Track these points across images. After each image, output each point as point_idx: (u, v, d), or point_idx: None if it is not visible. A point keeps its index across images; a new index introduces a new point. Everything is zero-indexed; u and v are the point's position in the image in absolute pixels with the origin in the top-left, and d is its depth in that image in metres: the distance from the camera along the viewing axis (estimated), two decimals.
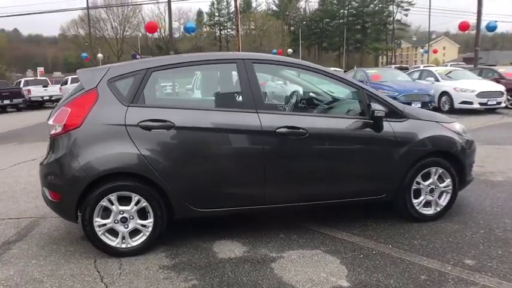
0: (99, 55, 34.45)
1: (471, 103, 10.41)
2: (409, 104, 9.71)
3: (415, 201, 3.33)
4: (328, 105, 3.48)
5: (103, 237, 2.79)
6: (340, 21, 72.28)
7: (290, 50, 43.79)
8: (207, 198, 2.92)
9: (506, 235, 3.10)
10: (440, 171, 3.33)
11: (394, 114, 3.22)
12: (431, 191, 3.36)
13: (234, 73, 2.99)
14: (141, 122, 2.74)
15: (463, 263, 2.68)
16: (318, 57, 70.58)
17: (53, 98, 19.11)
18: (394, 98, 9.57)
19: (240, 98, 2.97)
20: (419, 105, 9.70)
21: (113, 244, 2.81)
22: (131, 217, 2.81)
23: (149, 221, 2.84)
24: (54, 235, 3.23)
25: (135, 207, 2.80)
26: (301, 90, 3.99)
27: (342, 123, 3.06)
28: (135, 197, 2.78)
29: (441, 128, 3.36)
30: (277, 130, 2.89)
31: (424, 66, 17.93)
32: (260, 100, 2.96)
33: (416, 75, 12.53)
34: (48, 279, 2.57)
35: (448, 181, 3.38)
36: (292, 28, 74.31)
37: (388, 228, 3.28)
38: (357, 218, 3.45)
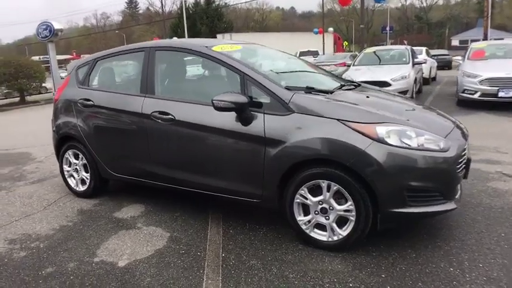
0: (330, 29, 35.84)
1: None
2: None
3: (299, 218, 2.66)
4: None
5: (68, 180, 3.96)
6: None
7: None
8: (117, 165, 3.52)
9: None
10: (335, 187, 2.47)
11: (276, 106, 2.64)
12: (324, 211, 2.57)
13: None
14: (79, 99, 3.64)
15: None
16: None
17: None
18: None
19: (143, 83, 3.27)
20: None
21: (72, 185, 3.94)
22: (80, 169, 3.83)
23: (88, 174, 3.77)
24: None
25: (81, 162, 3.79)
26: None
27: (208, 112, 2.81)
28: (80, 155, 3.77)
29: (340, 129, 2.43)
30: (152, 114, 3.09)
31: None
32: (152, 85, 3.19)
33: None
34: (22, 199, 3.99)
35: (349, 204, 2.47)
36: None
37: (275, 239, 2.81)
38: (272, 221, 3.08)
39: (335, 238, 2.58)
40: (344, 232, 2.54)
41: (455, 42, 46.69)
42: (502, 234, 2.75)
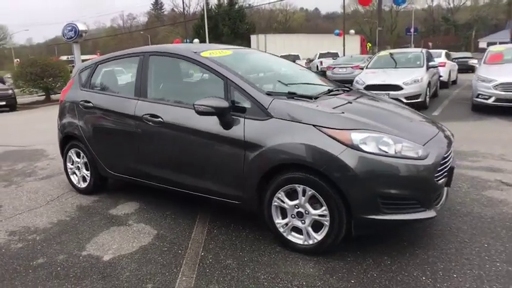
0: (351, 31, 35.56)
1: None
2: None
3: (277, 221, 2.72)
4: None
5: (71, 177, 4.17)
6: None
7: None
8: (114, 164, 3.68)
9: None
10: (310, 192, 2.52)
11: (256, 111, 2.71)
12: (300, 215, 2.62)
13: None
14: (80, 101, 3.83)
15: None
16: None
17: None
18: None
19: (137, 87, 3.42)
20: None
21: (75, 182, 4.14)
22: (81, 167, 4.02)
23: (89, 172, 3.95)
24: None
25: (82, 161, 3.98)
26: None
27: (194, 115, 2.88)
28: (82, 154, 3.96)
29: (316, 135, 2.47)
30: (143, 116, 3.22)
31: None
32: (145, 89, 3.33)
33: None
34: (28, 194, 4.22)
35: (323, 209, 2.51)
36: None
37: (255, 240, 2.88)
38: (256, 223, 3.14)
39: (310, 242, 2.62)
40: (319, 236, 2.58)
41: (482, 44, 44.68)
42: (485, 245, 2.71)
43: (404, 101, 8.19)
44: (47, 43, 70.32)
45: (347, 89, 3.53)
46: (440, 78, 11.04)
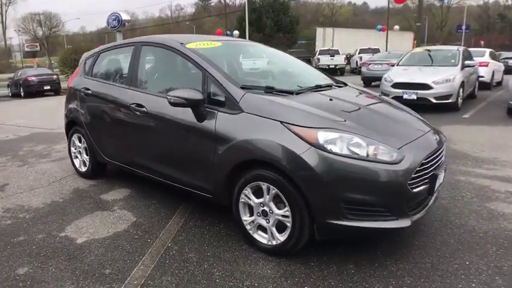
0: (396, 27, 33.85)
1: None
2: None
3: (244, 218, 2.67)
4: None
5: (74, 161, 4.37)
6: None
7: None
8: (107, 150, 3.80)
9: None
10: (274, 191, 2.44)
11: (229, 104, 2.66)
12: (265, 213, 2.55)
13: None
14: (82, 88, 3.97)
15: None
16: None
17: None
18: None
19: (128, 76, 3.49)
20: None
21: (77, 166, 4.33)
22: (82, 152, 4.19)
23: (88, 157, 4.11)
24: None
25: (83, 146, 4.15)
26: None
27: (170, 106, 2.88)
28: (82, 139, 4.12)
29: (281, 131, 2.37)
30: (130, 105, 3.28)
31: None
32: (135, 78, 3.38)
33: None
34: (36, 174, 4.49)
35: (286, 209, 2.42)
36: None
37: (225, 236, 2.86)
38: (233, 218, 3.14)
39: (274, 242, 2.55)
40: (282, 237, 2.50)
41: None
42: (467, 262, 2.48)
43: (434, 101, 7.74)
44: (98, 31, 73.88)
45: (341, 85, 3.37)
46: (481, 78, 10.27)
